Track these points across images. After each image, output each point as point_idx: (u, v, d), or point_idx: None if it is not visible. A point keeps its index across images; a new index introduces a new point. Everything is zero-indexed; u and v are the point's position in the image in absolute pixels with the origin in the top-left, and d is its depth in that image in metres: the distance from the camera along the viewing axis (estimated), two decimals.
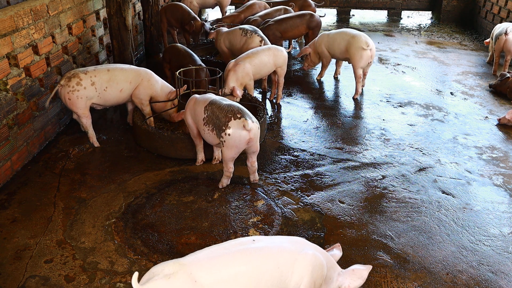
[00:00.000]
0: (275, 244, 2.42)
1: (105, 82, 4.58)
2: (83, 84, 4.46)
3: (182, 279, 2.14)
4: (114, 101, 4.76)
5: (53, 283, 3.03)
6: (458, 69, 7.38)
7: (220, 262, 2.26)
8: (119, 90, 4.68)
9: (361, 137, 5.13)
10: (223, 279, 2.22)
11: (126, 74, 4.72)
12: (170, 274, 2.14)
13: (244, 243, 2.38)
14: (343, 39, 6.05)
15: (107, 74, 4.61)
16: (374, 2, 10.98)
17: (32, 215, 3.69)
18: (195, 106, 4.08)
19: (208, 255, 2.29)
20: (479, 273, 3.22)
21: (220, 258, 2.28)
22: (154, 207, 3.83)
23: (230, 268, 2.26)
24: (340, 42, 6.09)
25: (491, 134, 5.21)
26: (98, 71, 4.58)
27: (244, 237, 2.48)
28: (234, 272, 2.25)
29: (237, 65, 5.26)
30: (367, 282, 3.09)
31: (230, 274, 2.25)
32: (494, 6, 8.73)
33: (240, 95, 5.03)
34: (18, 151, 4.24)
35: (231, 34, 6.20)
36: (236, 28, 6.24)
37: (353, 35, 5.97)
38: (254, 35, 5.97)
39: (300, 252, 2.41)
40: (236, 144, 3.79)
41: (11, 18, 4.02)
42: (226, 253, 2.31)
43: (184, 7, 7.32)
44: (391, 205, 3.93)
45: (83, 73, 4.50)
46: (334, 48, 6.21)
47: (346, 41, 6.00)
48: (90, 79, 4.50)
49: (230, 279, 2.24)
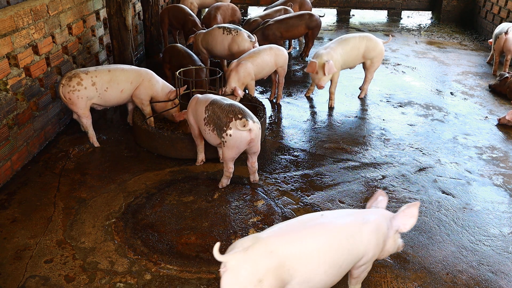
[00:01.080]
0: (342, 217, 2.64)
1: (106, 83, 4.58)
2: (83, 84, 4.46)
3: (259, 251, 2.32)
4: (115, 101, 4.76)
5: (53, 283, 3.03)
6: (458, 69, 7.38)
7: (295, 235, 2.44)
8: (120, 91, 4.68)
9: (361, 137, 5.13)
10: (299, 251, 2.39)
11: (127, 74, 4.72)
12: (248, 247, 2.33)
13: (315, 218, 2.58)
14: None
15: (108, 75, 4.61)
16: (374, 2, 10.98)
17: (32, 215, 3.69)
18: (197, 106, 4.09)
19: (283, 230, 2.48)
20: (479, 273, 3.22)
21: (295, 232, 2.46)
22: (154, 207, 3.83)
23: (306, 240, 2.44)
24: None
25: (491, 134, 5.21)
26: (99, 72, 4.58)
27: (313, 213, 2.67)
28: (310, 244, 2.43)
29: (239, 65, 5.26)
30: (367, 282, 3.10)
31: (305, 246, 2.42)
32: (494, 6, 8.73)
33: (241, 95, 5.03)
34: (18, 151, 4.25)
35: (208, 35, 6.17)
36: (214, 27, 6.19)
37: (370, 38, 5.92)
38: (240, 31, 5.96)
39: (364, 222, 2.63)
40: (237, 145, 3.79)
41: (11, 18, 4.02)
42: (300, 227, 2.50)
43: (186, 10, 7.33)
44: (391, 205, 3.93)
45: (84, 73, 4.50)
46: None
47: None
48: (91, 79, 4.50)
49: (306, 251, 2.41)
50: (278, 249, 2.35)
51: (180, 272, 3.14)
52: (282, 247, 2.37)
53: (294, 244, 2.40)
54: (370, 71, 6.01)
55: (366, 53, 5.82)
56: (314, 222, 2.55)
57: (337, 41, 5.76)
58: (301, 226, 2.51)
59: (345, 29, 9.87)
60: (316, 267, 2.44)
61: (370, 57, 5.86)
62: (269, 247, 2.34)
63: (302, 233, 2.46)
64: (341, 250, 2.51)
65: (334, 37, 9.15)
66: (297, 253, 2.39)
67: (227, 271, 2.29)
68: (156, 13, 7.42)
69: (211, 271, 3.15)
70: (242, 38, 5.90)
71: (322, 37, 9.17)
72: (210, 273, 3.14)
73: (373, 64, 5.93)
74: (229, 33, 5.97)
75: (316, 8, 11.02)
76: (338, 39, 5.79)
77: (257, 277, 2.28)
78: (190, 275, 3.12)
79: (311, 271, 2.43)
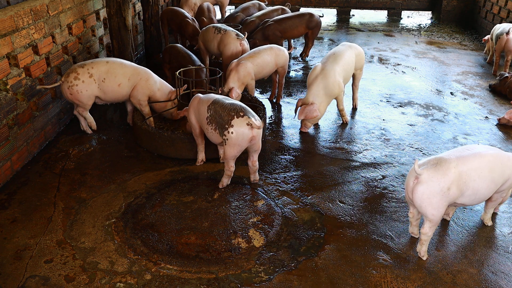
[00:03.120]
0: (494, 149, 3.40)
1: (104, 73, 4.67)
2: (80, 78, 4.58)
3: (445, 167, 3.12)
4: (113, 95, 4.80)
5: (53, 283, 3.03)
6: (458, 69, 7.38)
7: (467, 157, 3.21)
8: (117, 84, 4.72)
9: (361, 137, 5.13)
10: (472, 168, 3.17)
11: (125, 69, 4.77)
12: (435, 164, 3.15)
13: (475, 148, 3.36)
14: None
15: (106, 66, 4.71)
16: (374, 2, 10.97)
17: (32, 215, 3.69)
18: (199, 105, 4.11)
19: (457, 152, 3.28)
20: (479, 273, 3.22)
21: (467, 155, 3.23)
22: (154, 207, 3.83)
23: (476, 161, 3.21)
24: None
25: (491, 134, 5.21)
26: (96, 63, 4.70)
27: (470, 144, 3.67)
28: (479, 164, 3.21)
29: (239, 64, 5.27)
30: (367, 282, 3.10)
31: (476, 165, 3.19)
32: (494, 6, 8.73)
33: (235, 97, 5.02)
34: (18, 151, 4.24)
35: (205, 31, 6.28)
36: (209, 26, 6.30)
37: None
38: (228, 31, 5.99)
39: (510, 155, 3.41)
40: (238, 143, 3.80)
41: (11, 18, 4.02)
42: (466, 153, 3.26)
43: (183, 13, 7.35)
44: (391, 205, 3.93)
45: (80, 67, 4.63)
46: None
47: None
48: (88, 71, 4.62)
49: (477, 168, 3.19)
50: (458, 165, 3.14)
51: (180, 272, 3.14)
52: (461, 164, 3.16)
53: (468, 163, 3.17)
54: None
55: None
56: (476, 150, 3.30)
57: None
58: (469, 152, 3.27)
59: (345, 29, 9.87)
60: (482, 182, 3.21)
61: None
62: (452, 164, 3.12)
63: (472, 156, 3.23)
64: (497, 171, 3.27)
65: (334, 37, 9.17)
66: (471, 170, 3.17)
67: (420, 182, 3.10)
68: (156, 13, 7.42)
69: (211, 271, 3.15)
70: (230, 36, 5.91)
71: (322, 37, 9.17)
72: (210, 273, 3.14)
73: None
74: (218, 32, 6.02)
75: (316, 8, 11.04)
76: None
77: (446, 186, 3.09)
78: (190, 275, 3.12)
79: (478, 185, 3.20)
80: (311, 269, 3.20)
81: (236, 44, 5.86)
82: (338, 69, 5.12)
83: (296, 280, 3.11)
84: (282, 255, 3.32)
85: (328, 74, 5.02)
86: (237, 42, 5.86)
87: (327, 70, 5.05)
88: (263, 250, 3.36)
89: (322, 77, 5.01)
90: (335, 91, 5.08)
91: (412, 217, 3.46)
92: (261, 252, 3.35)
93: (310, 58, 7.74)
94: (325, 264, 3.25)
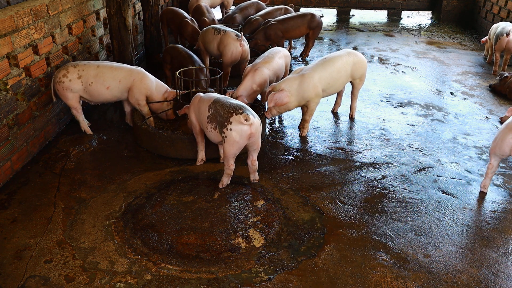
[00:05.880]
0: None
1: (92, 77, 4.69)
2: (68, 77, 4.62)
3: None
4: (101, 98, 4.82)
5: (53, 283, 3.03)
6: (458, 69, 7.38)
7: None
8: (105, 87, 4.73)
9: (361, 137, 5.13)
10: None
11: (115, 72, 4.76)
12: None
13: None
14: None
15: (95, 70, 4.72)
16: (374, 2, 10.98)
17: (32, 215, 3.69)
18: (200, 104, 4.12)
19: None
20: (479, 273, 3.22)
21: None
22: (154, 207, 3.83)
23: None
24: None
25: (491, 134, 5.21)
26: (87, 66, 4.73)
27: None
28: None
29: (256, 70, 5.10)
30: (367, 282, 3.10)
31: None
32: (494, 6, 8.73)
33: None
34: (18, 151, 4.24)
35: (204, 33, 6.27)
36: (208, 28, 6.28)
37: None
38: (228, 31, 5.97)
39: None
40: (237, 140, 3.81)
41: (11, 18, 4.02)
42: None
43: (182, 13, 7.35)
44: (391, 205, 3.93)
45: (72, 66, 4.68)
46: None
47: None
48: (78, 72, 4.66)
49: None
50: None
51: (180, 272, 3.14)
52: None
53: None
54: None
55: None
56: None
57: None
58: None
59: (345, 29, 9.88)
60: None
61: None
62: None
63: None
64: None
65: (334, 37, 9.17)
66: None
67: None
68: (156, 13, 7.43)
69: (211, 271, 3.15)
70: (229, 37, 5.90)
71: (322, 37, 9.17)
72: (210, 273, 3.14)
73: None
74: (218, 33, 6.02)
75: (316, 8, 11.04)
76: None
77: None
78: (190, 275, 3.12)
79: None
80: (311, 269, 3.20)
81: (236, 44, 5.86)
82: (323, 74, 4.91)
83: (296, 280, 3.11)
84: (282, 255, 3.33)
85: (308, 74, 4.83)
86: (237, 43, 5.86)
87: (309, 71, 4.88)
88: (263, 250, 3.36)
89: (301, 75, 4.84)
90: (309, 94, 4.82)
91: (491, 169, 3.99)
92: (261, 252, 3.35)
93: (310, 58, 7.74)
94: (325, 264, 3.25)
